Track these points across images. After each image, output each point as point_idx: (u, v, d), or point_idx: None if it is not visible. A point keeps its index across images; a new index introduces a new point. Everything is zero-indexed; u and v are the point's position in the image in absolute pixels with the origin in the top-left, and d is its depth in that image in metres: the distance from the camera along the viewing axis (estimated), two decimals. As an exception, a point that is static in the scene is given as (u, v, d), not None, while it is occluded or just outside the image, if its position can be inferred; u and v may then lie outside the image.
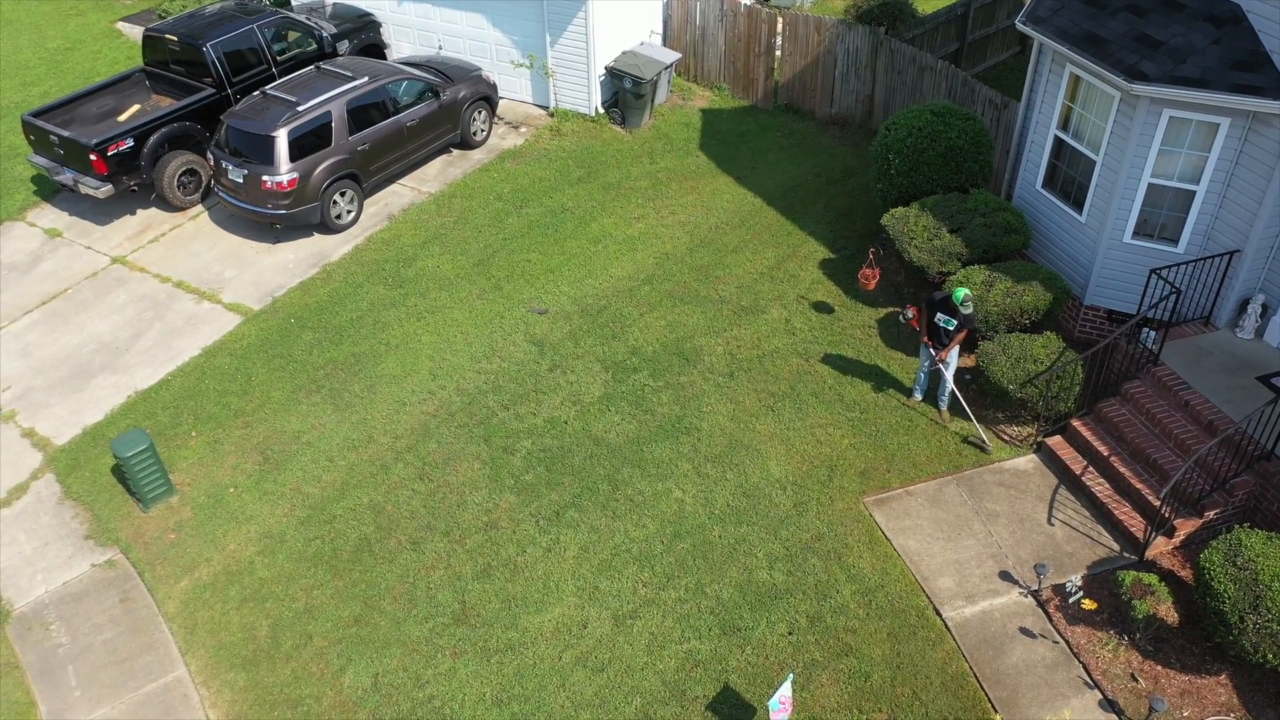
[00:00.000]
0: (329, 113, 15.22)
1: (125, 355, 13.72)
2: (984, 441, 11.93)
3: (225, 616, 10.65)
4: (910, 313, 12.34)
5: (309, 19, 18.24)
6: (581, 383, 13.05)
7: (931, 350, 12.05)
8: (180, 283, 14.90)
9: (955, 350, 12.06)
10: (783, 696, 8.31)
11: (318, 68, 16.21)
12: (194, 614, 10.69)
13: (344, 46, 18.40)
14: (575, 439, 12.29)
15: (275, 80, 16.53)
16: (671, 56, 18.43)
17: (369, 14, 19.22)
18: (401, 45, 19.57)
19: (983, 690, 9.65)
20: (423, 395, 12.96)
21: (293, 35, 17.51)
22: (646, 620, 10.34)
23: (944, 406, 12.35)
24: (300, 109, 15.00)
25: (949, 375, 12.14)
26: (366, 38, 18.93)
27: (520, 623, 10.37)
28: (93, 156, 14.94)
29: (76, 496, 11.90)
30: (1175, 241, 12.19)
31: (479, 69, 17.96)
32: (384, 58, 19.19)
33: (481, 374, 13.24)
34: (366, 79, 15.80)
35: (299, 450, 12.31)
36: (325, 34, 17.99)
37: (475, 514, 11.47)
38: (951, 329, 11.77)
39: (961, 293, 11.52)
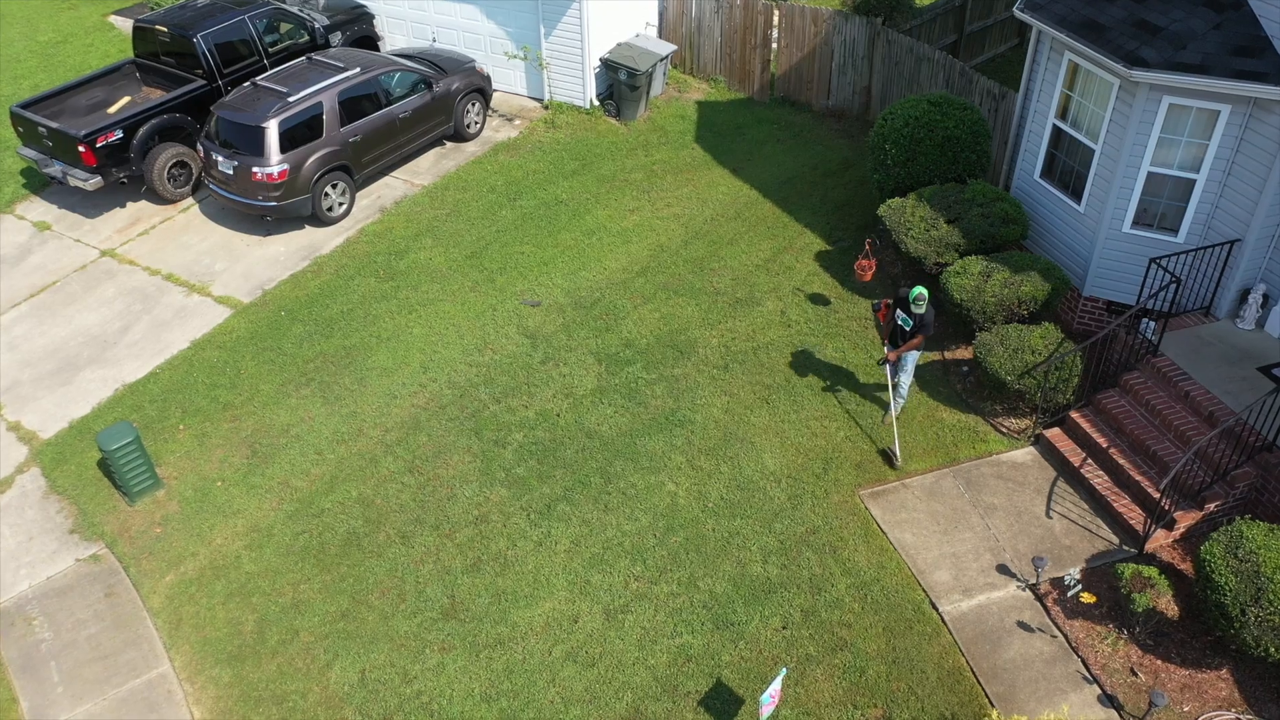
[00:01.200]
0: (320, 104, 15.06)
1: (113, 348, 13.56)
2: (895, 455, 11.55)
3: (211, 611, 10.49)
4: (879, 304, 11.79)
5: (301, 10, 18.08)
6: (574, 375, 12.89)
7: (885, 348, 11.68)
8: (170, 275, 14.75)
9: (911, 357, 11.55)
10: (773, 691, 8.15)
11: (309, 59, 16.05)
12: (179, 609, 10.53)
13: (337, 38, 18.25)
14: (567, 432, 12.13)
15: (266, 72, 16.36)
16: (667, 48, 18.27)
17: (362, 5, 19.06)
18: (395, 38, 19.42)
19: (980, 685, 9.50)
20: (413, 388, 12.80)
21: (285, 27, 17.35)
22: (638, 615, 10.18)
23: (894, 411, 11.89)
24: (291, 100, 14.84)
25: (903, 381, 11.70)
26: (359, 30, 18.77)
27: (510, 617, 10.21)
28: (81, 148, 14.78)
29: (62, 490, 11.75)
30: (1175, 231, 12.03)
31: (472, 61, 17.80)
32: (377, 50, 19.03)
33: (473, 366, 13.08)
34: (358, 70, 15.64)
35: (287, 444, 12.15)
36: (317, 25, 17.83)
37: (465, 507, 11.31)
38: (908, 329, 11.39)
39: (917, 290, 11.07)
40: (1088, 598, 9.99)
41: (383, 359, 13.24)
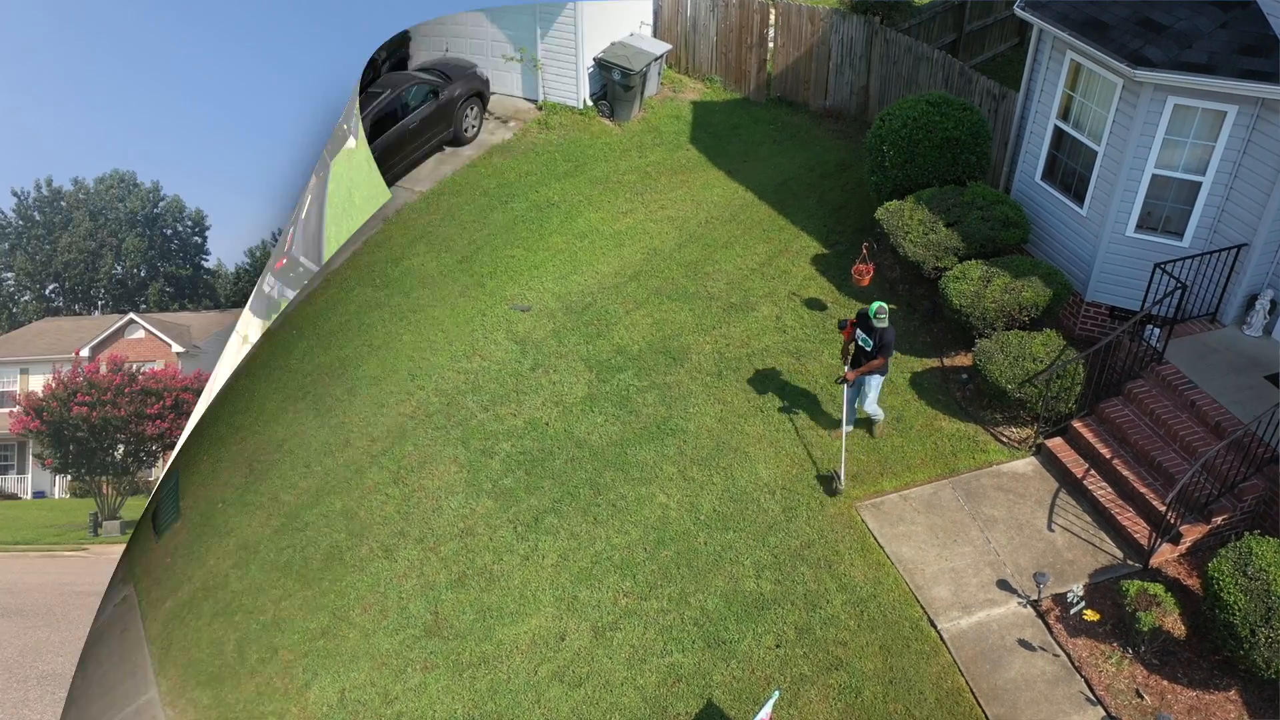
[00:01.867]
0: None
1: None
2: (839, 479, 11.08)
3: (197, 633, 10.29)
4: (846, 322, 11.36)
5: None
6: (564, 383, 12.60)
7: (845, 367, 11.22)
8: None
9: (875, 383, 11.17)
10: (765, 715, 7.87)
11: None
12: (170, 633, 10.36)
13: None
14: (556, 441, 11.85)
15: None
16: (661, 48, 18.00)
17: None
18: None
19: (980, 707, 9.20)
20: (400, 396, 12.53)
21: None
22: (627, 632, 9.89)
23: (878, 419, 11.62)
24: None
25: (870, 411, 11.40)
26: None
27: (495, 634, 9.93)
28: None
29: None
30: (1180, 235, 11.74)
31: (474, 65, 17.54)
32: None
33: (461, 374, 12.80)
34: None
35: (280, 458, 11.91)
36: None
37: (451, 520, 11.03)
38: (869, 349, 10.96)
39: (877, 304, 10.67)
40: (1091, 615, 9.69)
41: (372, 368, 12.97)
